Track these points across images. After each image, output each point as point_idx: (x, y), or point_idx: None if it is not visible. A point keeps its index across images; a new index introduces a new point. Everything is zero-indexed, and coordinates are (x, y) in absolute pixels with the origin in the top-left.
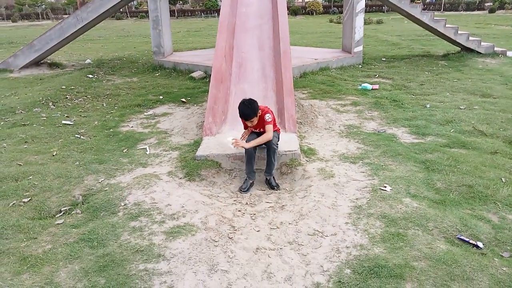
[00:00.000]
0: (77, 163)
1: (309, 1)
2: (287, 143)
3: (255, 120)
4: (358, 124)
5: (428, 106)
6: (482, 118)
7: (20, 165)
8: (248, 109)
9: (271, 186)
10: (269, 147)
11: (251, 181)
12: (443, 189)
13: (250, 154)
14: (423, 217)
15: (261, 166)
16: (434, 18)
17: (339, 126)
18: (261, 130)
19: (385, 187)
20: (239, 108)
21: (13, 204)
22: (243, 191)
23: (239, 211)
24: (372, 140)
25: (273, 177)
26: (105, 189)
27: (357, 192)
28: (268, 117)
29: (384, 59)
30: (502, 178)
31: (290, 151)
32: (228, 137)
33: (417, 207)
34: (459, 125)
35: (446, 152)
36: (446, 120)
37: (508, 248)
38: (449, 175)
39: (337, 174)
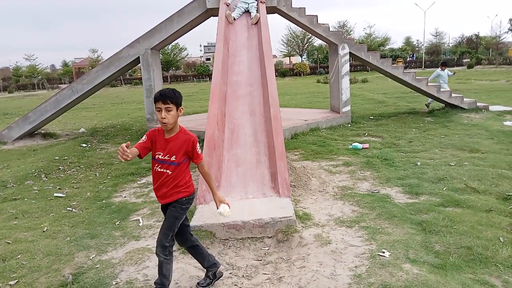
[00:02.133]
0: (68, 238)
1: (296, 63)
2: (282, 208)
3: (171, 117)
4: (351, 185)
5: (419, 163)
6: (473, 175)
7: (9, 243)
8: (171, 91)
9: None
10: (193, 247)
11: None
12: (442, 252)
13: (162, 261)
14: (424, 285)
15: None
16: (416, 77)
17: (333, 188)
18: (171, 158)
19: (384, 252)
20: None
21: None
22: None
23: (236, 285)
24: (366, 202)
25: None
26: (96, 266)
27: (356, 259)
28: (199, 148)
29: (372, 117)
30: (500, 238)
31: (285, 217)
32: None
33: (417, 273)
34: (451, 183)
35: (441, 212)
36: (437, 177)
37: None
38: (447, 237)
39: (334, 240)
